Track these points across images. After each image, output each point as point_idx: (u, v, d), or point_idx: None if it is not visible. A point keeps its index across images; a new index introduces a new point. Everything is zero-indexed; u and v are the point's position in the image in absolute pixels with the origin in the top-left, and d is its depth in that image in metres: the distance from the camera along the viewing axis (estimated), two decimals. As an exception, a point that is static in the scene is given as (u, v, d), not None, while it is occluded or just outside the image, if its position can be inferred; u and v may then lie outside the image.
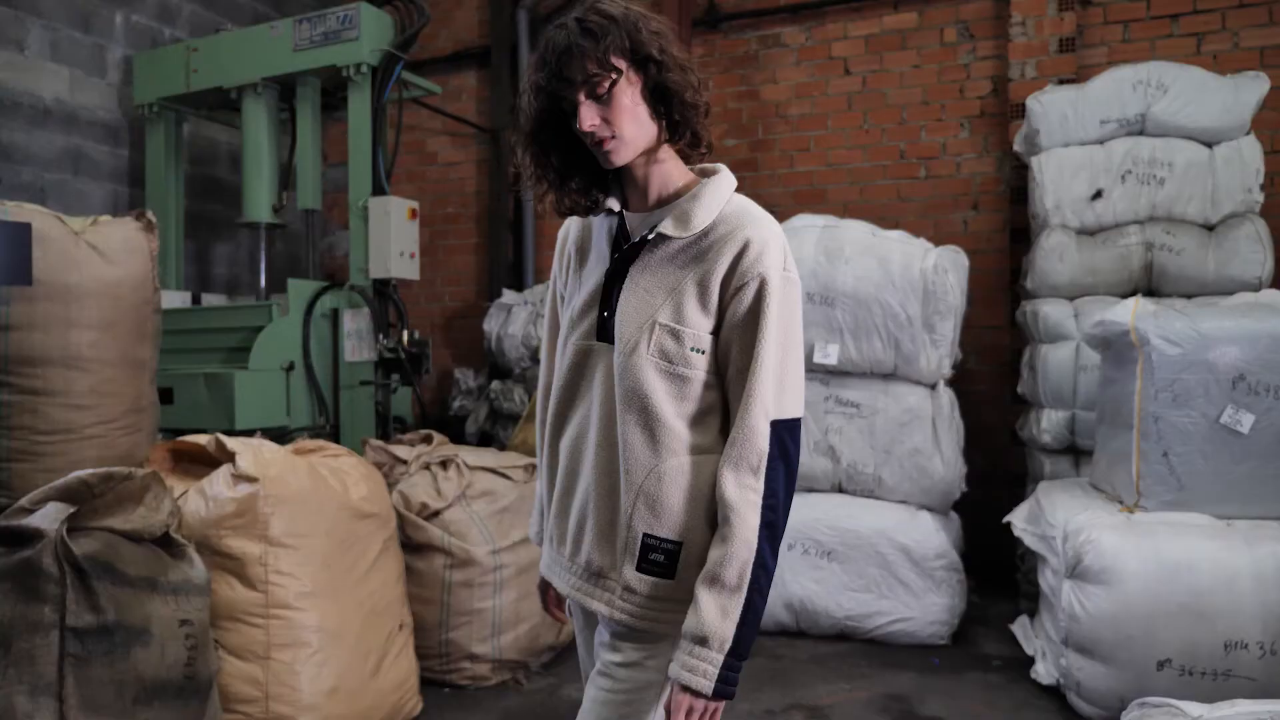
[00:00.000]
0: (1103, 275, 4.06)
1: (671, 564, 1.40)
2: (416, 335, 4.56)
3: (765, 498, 1.36)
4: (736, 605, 1.35)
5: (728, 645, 1.34)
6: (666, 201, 1.49)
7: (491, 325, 5.56)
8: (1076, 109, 4.16)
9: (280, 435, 4.19)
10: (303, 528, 2.77)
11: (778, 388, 1.38)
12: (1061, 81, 4.63)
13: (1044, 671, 3.24)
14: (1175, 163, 4.01)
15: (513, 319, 5.48)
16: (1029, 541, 3.51)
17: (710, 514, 1.40)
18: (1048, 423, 4.05)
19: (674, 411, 1.41)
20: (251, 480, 2.72)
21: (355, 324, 4.54)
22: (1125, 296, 4.04)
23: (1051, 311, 4.06)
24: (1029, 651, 3.49)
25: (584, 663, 1.68)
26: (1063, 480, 3.85)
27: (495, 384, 5.44)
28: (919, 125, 5.17)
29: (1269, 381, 2.94)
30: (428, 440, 3.73)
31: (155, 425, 3.26)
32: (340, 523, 2.89)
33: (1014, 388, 4.77)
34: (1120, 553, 2.90)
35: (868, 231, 4.05)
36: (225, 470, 2.77)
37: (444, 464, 3.52)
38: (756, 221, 1.43)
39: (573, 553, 1.51)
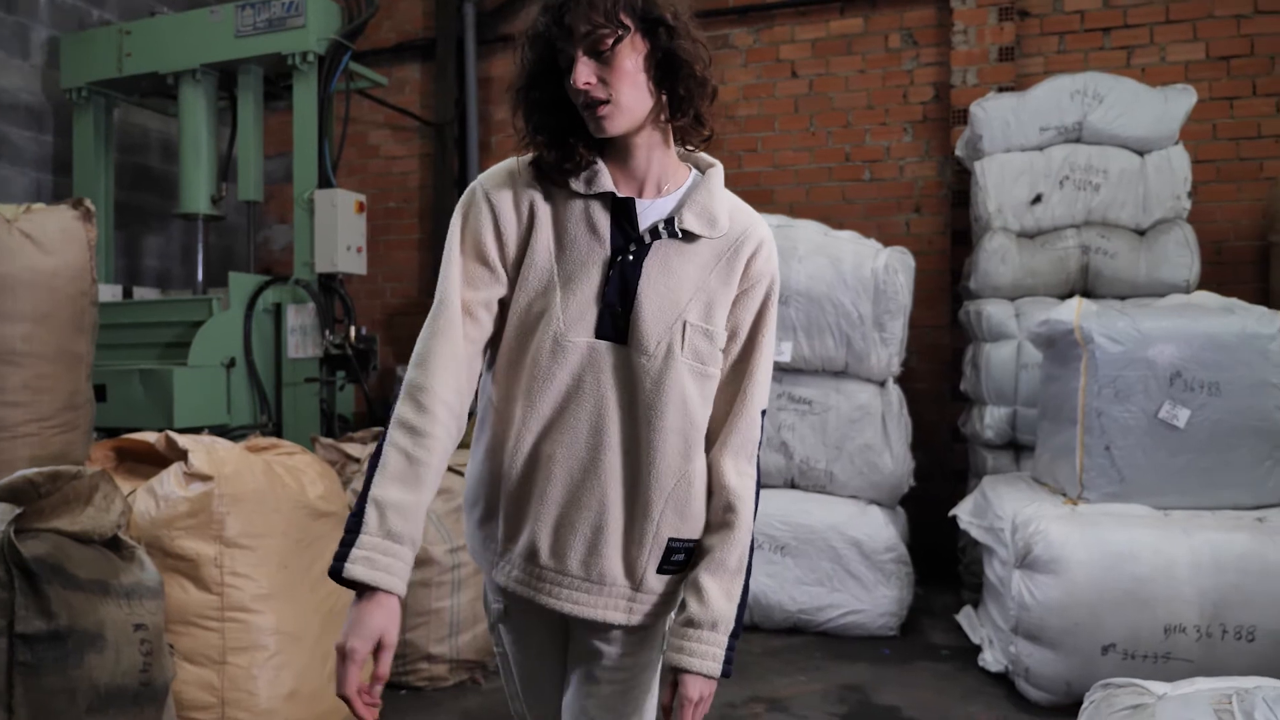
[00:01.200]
0: (1042, 277, 4.21)
1: (688, 560, 1.41)
2: (364, 331, 4.47)
3: (758, 481, 1.42)
4: (737, 588, 1.39)
5: (731, 627, 1.37)
6: (667, 190, 1.40)
7: (436, 322, 5.47)
8: (1018, 115, 4.30)
9: (221, 434, 4.06)
10: (259, 527, 2.69)
11: (767, 379, 1.44)
12: (1001, 89, 4.78)
13: (991, 659, 3.34)
14: (1110, 170, 4.18)
15: (459, 316, 5.40)
16: (976, 534, 3.62)
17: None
18: (991, 419, 4.17)
19: (704, 414, 1.39)
20: (205, 479, 2.63)
21: (299, 319, 4.43)
22: (1063, 297, 4.19)
23: (995, 311, 4.19)
24: (975, 640, 3.59)
25: (533, 674, 1.51)
26: (1005, 475, 3.97)
27: (441, 381, 5.35)
28: (864, 129, 5.27)
29: (1203, 378, 3.09)
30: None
31: (91, 423, 3.13)
32: (297, 522, 2.82)
33: (954, 386, 4.91)
34: (1067, 543, 3.01)
35: (820, 231, 4.12)
36: (177, 469, 2.67)
37: (398, 462, 3.45)
38: (758, 220, 1.45)
39: (579, 564, 1.37)
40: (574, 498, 1.36)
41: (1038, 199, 4.26)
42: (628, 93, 1.29)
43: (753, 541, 1.42)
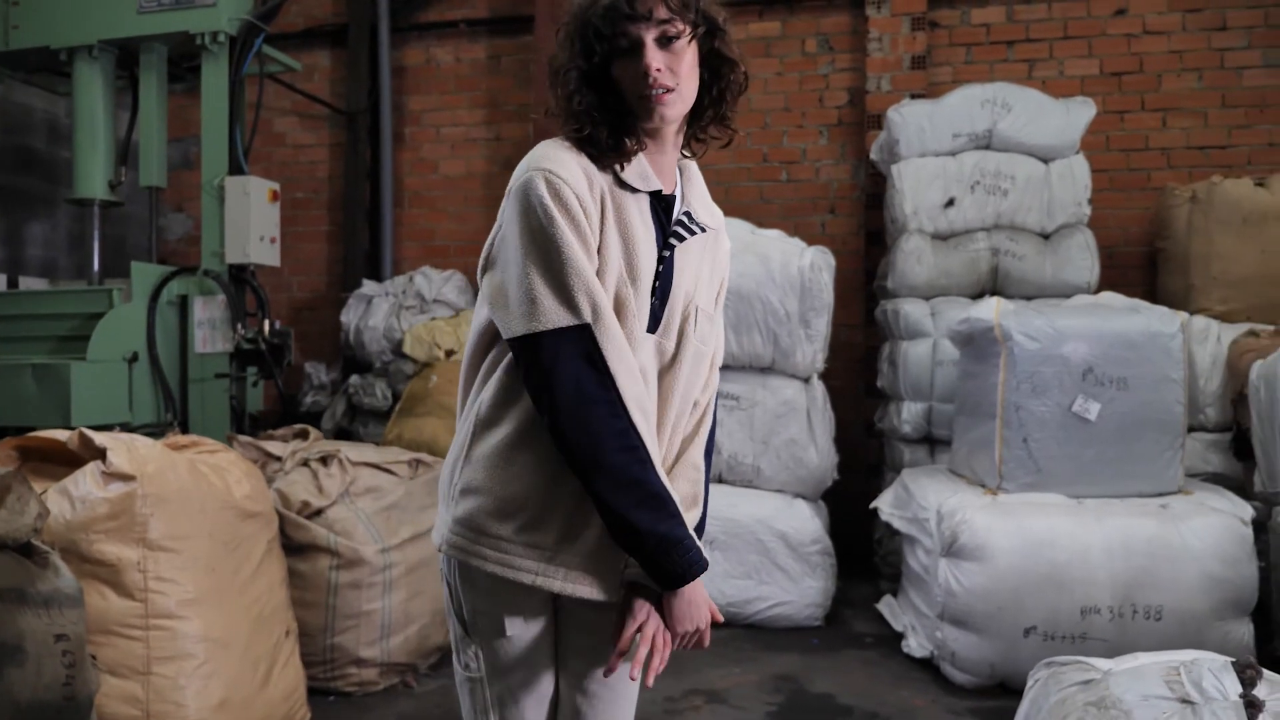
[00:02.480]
0: (955, 277, 4.38)
1: None
2: (278, 325, 4.29)
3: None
4: None
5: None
6: (674, 183, 1.46)
7: (350, 317, 5.31)
8: (932, 122, 4.47)
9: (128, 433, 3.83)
10: (184, 529, 2.55)
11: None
12: (914, 96, 4.95)
13: (916, 645, 3.46)
14: (1017, 176, 4.39)
15: (373, 310, 5.26)
16: (898, 525, 3.73)
17: None
18: (908, 414, 4.32)
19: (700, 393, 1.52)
20: (127, 478, 2.47)
21: (208, 312, 4.22)
22: (974, 297, 4.37)
23: (912, 310, 4.33)
24: (897, 628, 3.71)
25: (537, 682, 1.45)
26: (924, 468, 4.12)
27: (354, 378, 5.19)
28: (781, 130, 5.38)
29: (1113, 374, 3.27)
30: (303, 436, 3.52)
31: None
32: (224, 523, 2.69)
33: (867, 383, 5.06)
34: (991, 531, 3.15)
35: (747, 230, 4.19)
36: (93, 468, 2.50)
37: (324, 460, 3.33)
38: (719, 211, 1.57)
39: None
40: None
41: (951, 202, 4.43)
42: (687, 84, 1.34)
43: None
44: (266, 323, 4.21)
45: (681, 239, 1.42)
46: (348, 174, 5.82)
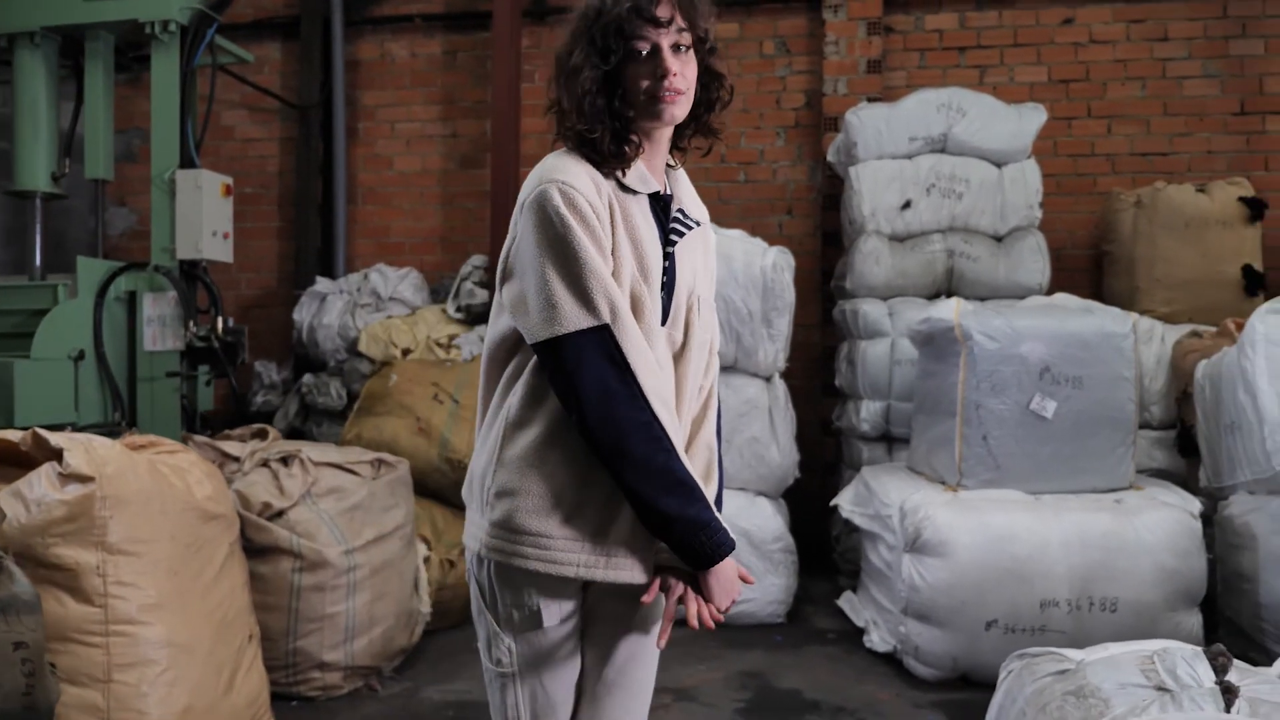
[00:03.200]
0: (912, 278, 4.46)
1: None
2: (231, 323, 4.18)
3: None
4: None
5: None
6: (665, 183, 1.54)
7: (303, 315, 5.20)
8: (889, 125, 4.54)
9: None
10: (145, 532, 2.48)
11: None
12: (870, 99, 5.03)
13: (878, 640, 3.51)
14: (972, 179, 4.49)
15: (327, 308, 5.16)
16: (860, 522, 3.79)
17: None
18: (867, 413, 4.38)
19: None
20: (85, 480, 2.39)
21: (158, 309, 4.10)
22: (930, 298, 4.46)
23: (871, 310, 4.40)
24: (859, 624, 3.76)
25: (570, 674, 1.50)
26: (883, 465, 4.18)
27: (308, 377, 5.08)
28: (739, 132, 5.41)
29: (1068, 373, 3.36)
30: (262, 435, 3.44)
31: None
32: (186, 525, 2.61)
33: (824, 382, 5.13)
34: (954, 527, 3.21)
35: (711, 229, 4.20)
36: (49, 469, 2.41)
37: (284, 460, 3.26)
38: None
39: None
40: None
41: (907, 204, 4.51)
42: (692, 90, 1.43)
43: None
44: (220, 320, 4.10)
45: (681, 234, 1.52)
46: (299, 169, 5.70)
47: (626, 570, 1.40)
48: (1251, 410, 3.17)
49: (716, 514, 1.40)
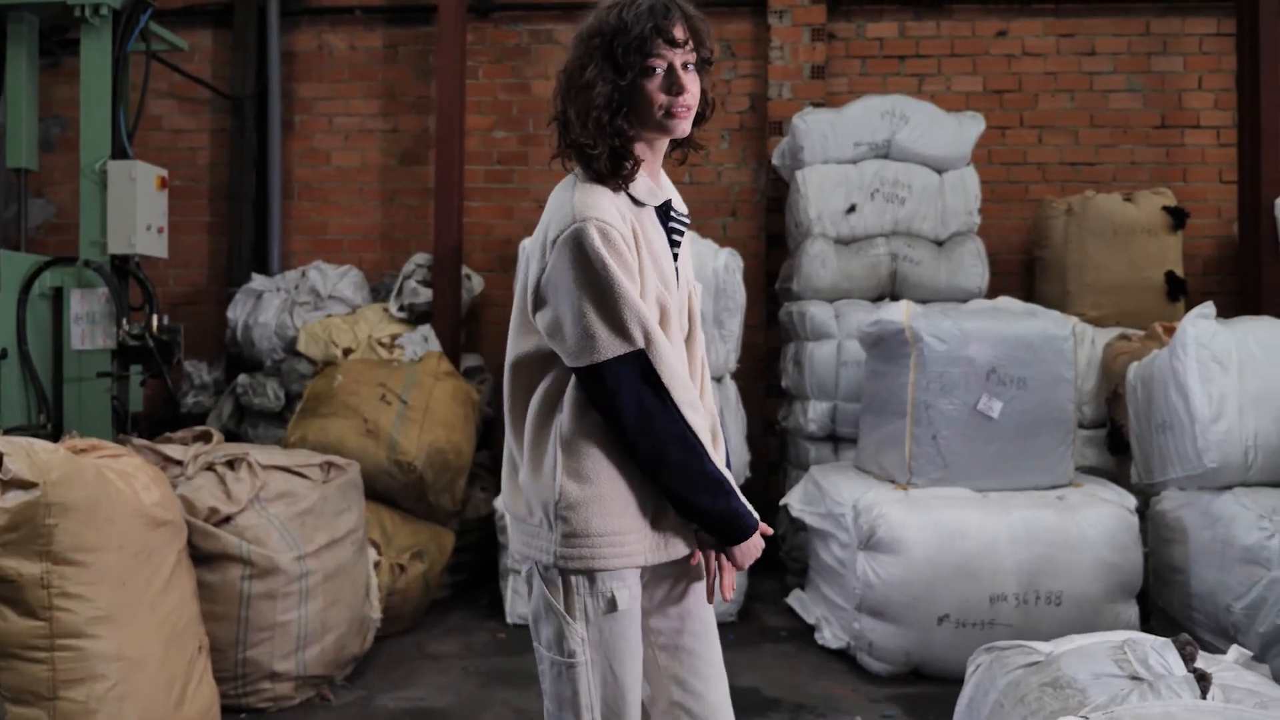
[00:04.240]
0: (857, 281, 4.55)
1: None
2: (166, 321, 4.01)
3: None
4: None
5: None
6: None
7: (237, 313, 5.03)
8: (835, 130, 4.62)
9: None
10: (93, 541, 2.37)
11: None
12: (814, 104, 5.11)
13: (830, 636, 3.57)
14: (914, 185, 4.60)
15: (263, 306, 5.00)
16: (810, 520, 3.84)
17: None
18: (814, 413, 4.45)
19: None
20: (28, 486, 2.27)
21: (87, 306, 3.91)
22: (875, 300, 4.56)
23: (817, 312, 4.47)
24: (809, 621, 3.81)
25: (633, 646, 1.60)
26: (831, 465, 4.25)
27: (243, 378, 4.92)
28: (684, 133, 5.43)
29: (1014, 374, 3.47)
30: (205, 438, 3.31)
31: None
32: (134, 533, 2.51)
33: (769, 383, 5.19)
34: (906, 524, 3.29)
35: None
36: (-13, 476, 2.28)
37: (231, 464, 3.15)
38: None
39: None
40: None
41: (852, 208, 4.59)
42: (697, 105, 1.55)
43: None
44: (155, 318, 3.93)
45: (681, 234, 1.66)
46: (233, 162, 5.52)
47: (679, 545, 1.60)
48: (1183, 410, 3.32)
49: (743, 500, 1.59)
